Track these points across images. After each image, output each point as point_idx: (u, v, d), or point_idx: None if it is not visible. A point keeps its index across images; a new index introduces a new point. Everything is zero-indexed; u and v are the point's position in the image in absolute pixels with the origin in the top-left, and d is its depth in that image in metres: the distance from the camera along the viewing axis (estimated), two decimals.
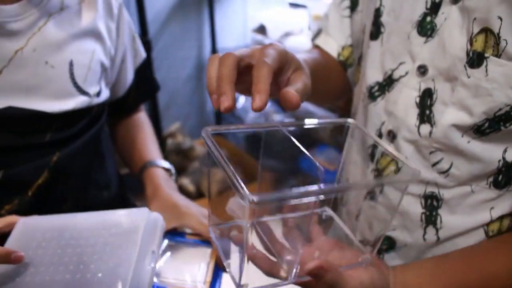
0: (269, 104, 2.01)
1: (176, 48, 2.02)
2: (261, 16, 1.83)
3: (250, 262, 0.42)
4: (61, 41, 0.55)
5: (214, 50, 2.11)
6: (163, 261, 0.57)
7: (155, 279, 0.53)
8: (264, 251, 0.45)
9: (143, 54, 0.78)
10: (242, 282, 0.40)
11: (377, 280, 0.45)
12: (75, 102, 0.58)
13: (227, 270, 0.43)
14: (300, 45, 1.63)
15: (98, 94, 0.62)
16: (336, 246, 0.48)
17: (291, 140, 0.44)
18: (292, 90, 0.40)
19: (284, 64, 0.43)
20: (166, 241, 0.61)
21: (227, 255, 0.44)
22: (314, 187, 0.36)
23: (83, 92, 0.59)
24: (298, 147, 0.44)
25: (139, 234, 0.44)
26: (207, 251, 0.60)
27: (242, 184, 0.34)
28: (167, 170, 0.73)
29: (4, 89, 0.51)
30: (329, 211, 0.57)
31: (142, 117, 0.84)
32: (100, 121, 0.66)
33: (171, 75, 2.03)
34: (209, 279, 0.55)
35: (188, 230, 0.64)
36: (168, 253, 0.59)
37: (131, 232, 0.44)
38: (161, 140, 1.84)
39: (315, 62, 0.63)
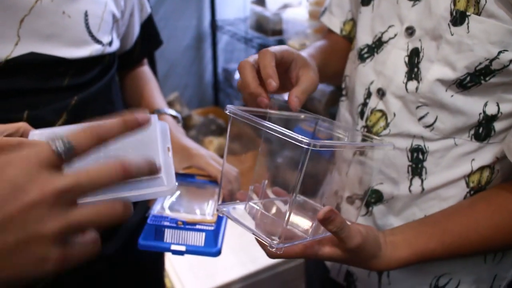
0: None
1: (176, 17, 2.02)
2: None
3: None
4: None
5: (213, 21, 2.11)
6: (175, 198, 0.62)
7: (168, 212, 0.58)
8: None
9: (148, 9, 0.81)
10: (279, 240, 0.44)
11: (371, 234, 0.49)
12: (90, 49, 0.61)
13: (255, 234, 0.46)
14: (298, 16, 1.64)
15: (110, 43, 0.66)
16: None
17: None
18: (294, 95, 0.51)
19: (291, 61, 0.53)
20: (176, 182, 0.65)
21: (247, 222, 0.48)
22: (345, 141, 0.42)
23: (97, 40, 0.62)
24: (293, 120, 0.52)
25: (157, 133, 0.46)
26: (215, 190, 0.65)
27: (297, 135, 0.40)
28: (174, 117, 0.78)
29: (26, 36, 0.53)
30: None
31: (147, 70, 0.88)
32: (111, 70, 0.69)
33: (170, 45, 2.04)
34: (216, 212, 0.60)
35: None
36: (179, 192, 0.64)
37: (151, 132, 0.46)
38: None
39: (321, 52, 0.70)
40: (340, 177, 0.67)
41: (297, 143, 0.39)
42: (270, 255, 0.47)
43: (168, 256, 1.34)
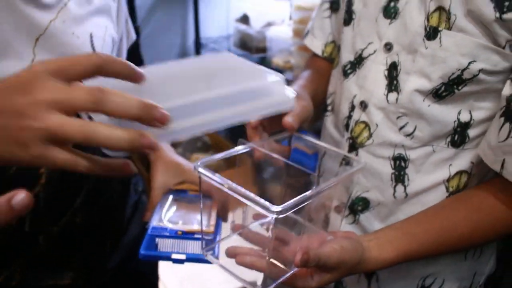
0: None
1: (161, 35, 2.05)
2: (244, 6, 1.88)
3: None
4: (82, 16, 0.62)
5: (197, 39, 2.15)
6: (172, 212, 0.65)
7: (168, 224, 0.60)
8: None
9: (133, 35, 0.84)
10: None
11: (349, 244, 0.51)
12: None
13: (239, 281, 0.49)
14: (282, 34, 1.69)
15: None
16: (304, 237, 0.56)
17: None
18: (287, 117, 0.54)
19: None
20: (171, 197, 0.68)
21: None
22: (310, 192, 0.44)
23: None
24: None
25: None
26: (208, 202, 0.67)
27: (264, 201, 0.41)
28: None
29: (40, 54, 0.56)
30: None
31: None
32: None
33: (156, 62, 2.06)
34: (213, 222, 0.62)
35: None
36: (175, 207, 0.67)
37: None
38: None
39: (311, 81, 0.75)
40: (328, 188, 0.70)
41: (264, 211, 0.40)
42: None
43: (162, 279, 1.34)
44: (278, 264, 0.52)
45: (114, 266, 0.73)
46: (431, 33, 0.54)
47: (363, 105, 0.64)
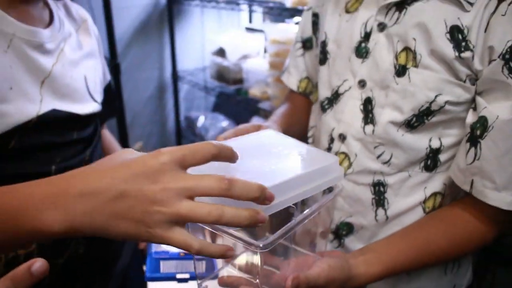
0: (230, 124, 2.08)
1: (138, 70, 2.09)
2: (219, 40, 1.94)
3: None
4: (76, 60, 0.66)
5: (174, 72, 2.20)
6: None
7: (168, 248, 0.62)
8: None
9: (108, 75, 0.89)
10: None
11: (336, 263, 0.55)
12: (92, 107, 0.69)
13: None
14: (257, 66, 1.75)
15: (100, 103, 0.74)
16: (293, 261, 0.60)
17: None
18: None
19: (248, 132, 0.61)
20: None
21: None
22: (292, 222, 0.47)
23: (94, 99, 0.70)
24: None
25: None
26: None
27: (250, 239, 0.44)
28: None
29: (46, 95, 0.60)
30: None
31: (107, 132, 0.97)
32: (98, 127, 0.76)
33: (133, 96, 2.09)
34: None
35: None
36: None
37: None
38: None
39: (284, 116, 0.82)
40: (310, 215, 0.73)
41: (249, 248, 0.44)
42: None
43: None
44: None
45: None
46: (400, 71, 0.60)
47: (342, 137, 0.69)
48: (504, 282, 1.18)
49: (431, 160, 0.64)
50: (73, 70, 0.65)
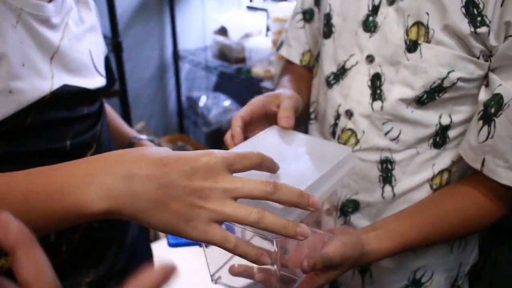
0: (232, 103, 2.07)
1: (139, 49, 2.06)
2: (220, 19, 1.91)
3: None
4: (80, 34, 0.65)
5: (175, 51, 2.17)
6: None
7: None
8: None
9: (105, 49, 0.87)
10: None
11: (350, 239, 0.55)
12: (99, 81, 0.68)
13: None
14: (261, 45, 1.73)
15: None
16: (306, 241, 0.60)
17: None
18: (280, 115, 0.57)
19: (263, 107, 0.60)
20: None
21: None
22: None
23: (100, 73, 0.70)
24: None
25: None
26: None
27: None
28: (151, 141, 0.85)
29: (56, 71, 0.59)
30: None
31: (108, 106, 0.95)
32: (102, 101, 0.76)
33: (134, 76, 2.07)
34: None
35: None
36: None
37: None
38: None
39: (292, 82, 0.79)
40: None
41: (264, 238, 0.44)
42: None
43: None
44: (287, 274, 0.54)
45: (120, 269, 0.74)
46: (411, 46, 0.59)
47: (349, 114, 0.68)
48: (507, 260, 1.19)
49: (440, 137, 0.64)
50: (79, 45, 0.64)
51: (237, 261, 0.57)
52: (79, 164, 0.38)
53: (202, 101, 2.17)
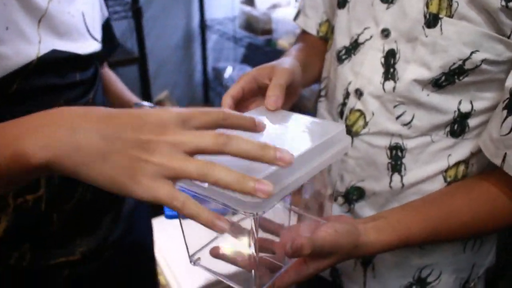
0: None
1: (165, 17, 2.03)
2: None
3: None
4: None
5: (202, 21, 2.12)
6: None
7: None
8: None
9: (106, 11, 0.84)
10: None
11: (343, 228, 0.49)
12: (93, 46, 0.66)
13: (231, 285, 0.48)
14: (288, 16, 1.66)
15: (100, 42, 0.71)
16: (297, 226, 0.55)
17: None
18: (267, 94, 0.51)
19: (254, 81, 0.54)
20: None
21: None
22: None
23: (94, 38, 0.67)
24: None
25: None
26: None
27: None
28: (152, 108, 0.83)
29: (44, 35, 0.57)
30: None
31: (110, 71, 0.94)
32: (98, 67, 0.74)
33: (159, 44, 2.05)
34: None
35: None
36: None
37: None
38: None
39: (301, 51, 0.73)
40: (321, 177, 0.68)
41: (241, 212, 0.38)
42: None
43: (161, 253, 1.35)
44: (274, 262, 0.50)
45: (115, 240, 0.74)
46: (431, 21, 0.52)
47: (358, 93, 0.62)
48: None
49: (458, 125, 0.57)
50: (70, 7, 0.61)
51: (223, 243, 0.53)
52: (26, 118, 0.37)
53: (228, 72, 2.12)
